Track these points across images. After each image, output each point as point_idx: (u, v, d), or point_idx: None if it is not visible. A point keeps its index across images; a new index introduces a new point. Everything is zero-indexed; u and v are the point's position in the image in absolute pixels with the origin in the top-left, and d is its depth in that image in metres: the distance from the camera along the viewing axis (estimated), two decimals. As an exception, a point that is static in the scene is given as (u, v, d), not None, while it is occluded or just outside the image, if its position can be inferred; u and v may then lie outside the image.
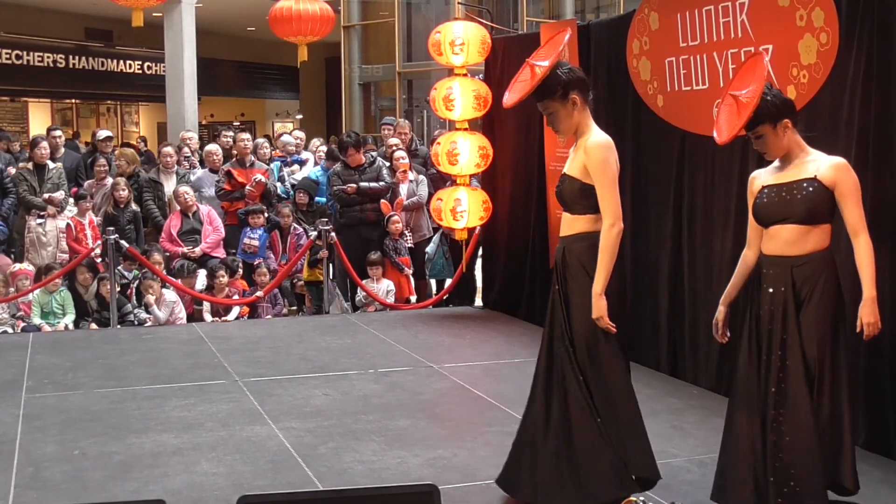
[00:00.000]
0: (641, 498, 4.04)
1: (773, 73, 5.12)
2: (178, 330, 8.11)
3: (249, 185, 9.34)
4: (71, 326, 8.40)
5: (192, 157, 10.79)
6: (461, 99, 8.06)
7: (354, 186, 9.01)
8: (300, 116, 25.72)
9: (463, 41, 8.01)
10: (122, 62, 22.15)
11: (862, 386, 4.66)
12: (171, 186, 9.59)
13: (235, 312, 8.70)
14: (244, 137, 9.87)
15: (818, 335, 3.83)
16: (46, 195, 9.26)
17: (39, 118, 21.01)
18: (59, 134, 10.63)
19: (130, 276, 8.79)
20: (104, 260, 8.53)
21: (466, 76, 8.25)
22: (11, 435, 5.16)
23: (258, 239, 9.18)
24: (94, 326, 8.39)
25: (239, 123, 22.96)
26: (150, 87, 21.81)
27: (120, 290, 8.48)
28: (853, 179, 3.85)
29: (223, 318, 8.62)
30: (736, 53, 5.48)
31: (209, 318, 8.64)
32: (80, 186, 9.84)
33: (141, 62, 22.35)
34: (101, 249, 8.56)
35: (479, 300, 9.28)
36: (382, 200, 9.15)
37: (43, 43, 20.37)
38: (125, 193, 9.16)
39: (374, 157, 9.34)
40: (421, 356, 6.94)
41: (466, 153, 8.10)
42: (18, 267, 8.65)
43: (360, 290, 8.95)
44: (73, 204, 9.46)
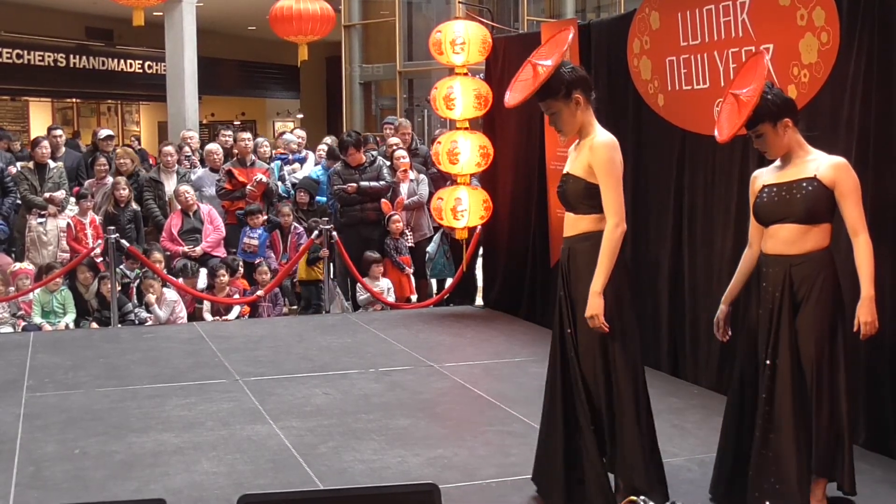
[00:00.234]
0: (643, 498, 4.04)
1: (773, 72, 5.13)
2: (178, 329, 8.11)
3: (251, 184, 9.34)
4: (72, 326, 8.40)
5: (192, 156, 10.78)
6: (462, 98, 8.06)
7: (355, 186, 9.01)
8: (301, 116, 25.71)
9: (464, 40, 8.01)
10: (122, 61, 22.15)
11: (862, 385, 4.66)
12: (171, 186, 9.59)
13: (236, 312, 8.70)
14: (245, 137, 9.86)
15: (816, 334, 3.84)
16: (47, 194, 9.26)
17: (40, 117, 20.99)
18: (59, 133, 10.63)
19: (133, 274, 8.79)
20: (105, 259, 8.54)
21: (467, 75, 8.25)
22: (12, 434, 5.16)
23: (258, 238, 9.19)
24: (94, 326, 8.39)
25: (240, 123, 22.95)
26: (150, 86, 21.79)
27: (121, 289, 8.48)
28: (853, 179, 3.85)
29: (224, 317, 8.62)
30: (737, 53, 5.48)
31: (210, 317, 8.64)
32: (81, 186, 9.84)
33: (141, 61, 22.34)
34: (101, 249, 8.56)
35: (479, 299, 9.28)
36: (383, 200, 9.15)
37: (44, 42, 20.37)
38: (126, 193, 9.16)
39: (374, 156, 9.34)
40: (421, 355, 6.94)
41: (467, 152, 8.10)
42: (19, 266, 8.65)
43: (360, 289, 8.96)
44: (74, 203, 9.46)
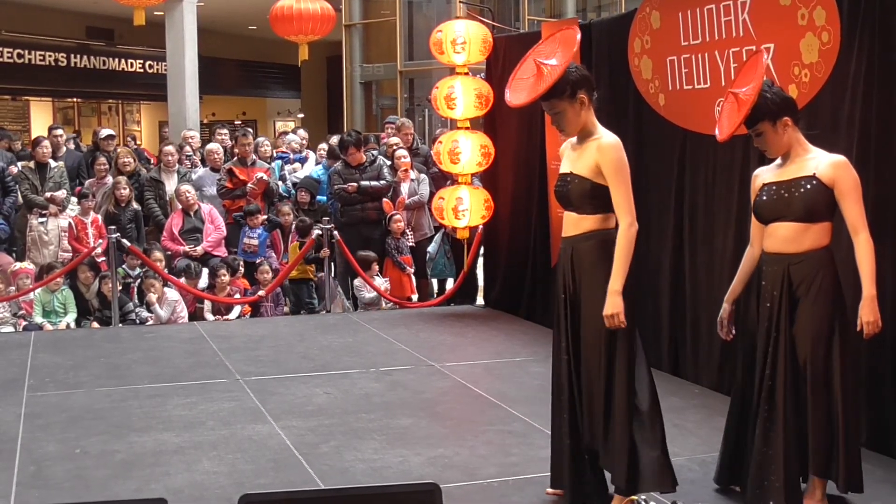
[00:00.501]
0: (643, 497, 4.04)
1: (774, 71, 5.13)
2: (179, 329, 8.11)
3: (251, 182, 9.33)
4: (73, 325, 8.40)
5: (193, 155, 10.78)
6: (463, 98, 8.06)
7: (355, 185, 9.01)
8: (301, 115, 25.70)
9: (464, 40, 8.01)
10: (123, 61, 22.13)
11: (864, 384, 4.66)
12: (172, 185, 9.59)
13: (237, 311, 8.70)
14: (246, 142, 9.76)
15: (813, 334, 3.84)
16: (48, 194, 9.26)
17: (41, 117, 20.99)
18: (60, 133, 10.64)
19: (135, 273, 8.79)
20: (106, 259, 8.53)
21: (468, 75, 8.25)
22: (13, 434, 5.16)
23: (257, 238, 9.18)
24: (95, 325, 8.40)
25: (241, 122, 22.94)
26: (151, 85, 21.78)
27: (122, 288, 8.49)
28: (853, 177, 3.84)
29: (225, 316, 8.62)
30: (737, 52, 5.48)
31: (211, 316, 8.63)
32: (82, 185, 9.84)
33: (142, 61, 22.33)
34: (102, 248, 8.55)
35: (480, 299, 9.28)
36: (385, 199, 9.15)
37: (44, 42, 20.36)
38: (126, 192, 9.15)
39: (374, 155, 9.34)
40: (422, 355, 6.94)
41: (468, 152, 8.10)
42: (20, 266, 8.65)
43: (360, 287, 8.94)
44: (75, 203, 9.46)
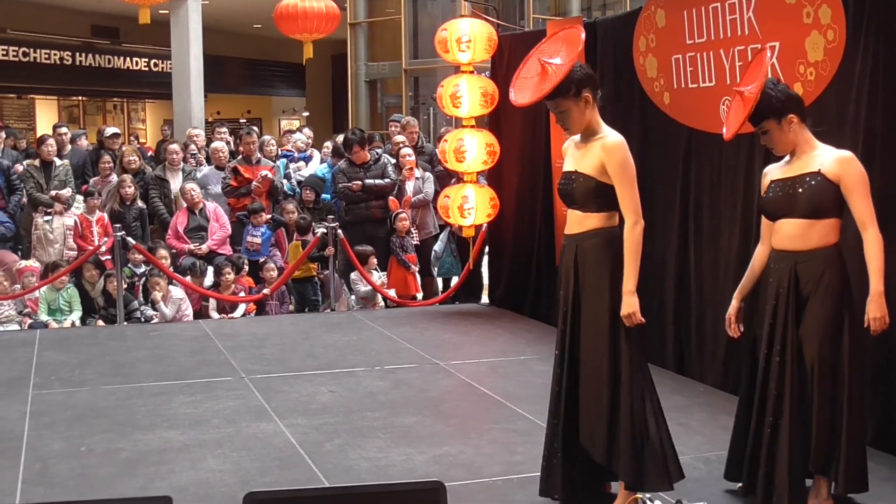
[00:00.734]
0: (648, 496, 4.03)
1: (780, 70, 5.12)
2: (184, 327, 8.12)
3: (256, 180, 9.33)
4: (78, 323, 8.41)
5: (198, 154, 10.79)
6: (468, 96, 8.06)
7: (360, 183, 9.01)
8: (306, 113, 25.70)
9: (469, 38, 8.00)
10: (128, 59, 22.14)
11: (869, 383, 4.65)
12: (177, 183, 9.60)
13: (242, 309, 8.70)
14: (251, 140, 9.78)
15: (819, 333, 3.82)
16: (53, 192, 9.27)
17: (46, 115, 21.02)
18: (65, 131, 10.65)
19: (140, 271, 8.79)
20: (111, 257, 8.54)
21: (473, 73, 8.24)
22: (19, 431, 5.17)
23: (260, 237, 9.18)
24: (100, 323, 8.40)
25: (245, 120, 22.95)
26: (156, 84, 21.78)
27: (127, 286, 8.49)
28: (859, 172, 3.80)
29: (230, 315, 8.62)
30: (742, 51, 5.47)
31: (216, 315, 8.64)
32: (87, 183, 9.85)
33: (147, 59, 22.34)
34: (107, 246, 8.56)
35: (485, 297, 9.28)
36: (391, 197, 9.16)
37: (49, 40, 20.37)
38: (131, 190, 9.17)
39: (378, 154, 9.34)
40: (427, 353, 6.94)
41: (473, 150, 8.10)
42: (25, 264, 8.66)
43: (356, 281, 8.90)
44: (81, 201, 9.47)
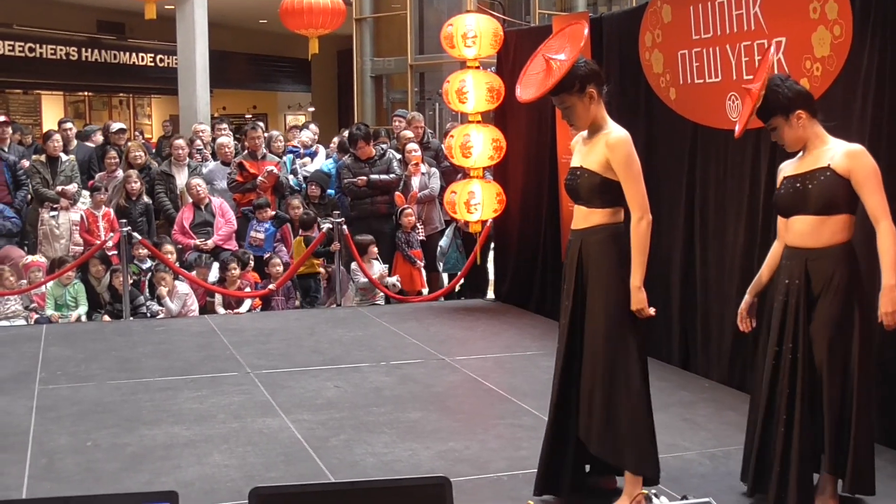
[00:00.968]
0: (653, 491, 4.04)
1: (786, 65, 5.11)
2: (190, 322, 8.13)
3: (261, 176, 9.34)
4: (83, 318, 8.42)
5: (204, 149, 10.80)
6: (474, 91, 8.05)
7: (364, 179, 9.01)
8: (312, 109, 25.70)
9: (475, 34, 7.99)
10: (134, 55, 22.14)
11: (879, 379, 4.63)
12: (182, 179, 9.61)
13: (247, 305, 8.71)
14: (256, 135, 9.77)
15: (828, 332, 3.78)
16: (59, 188, 9.28)
17: (52, 111, 21.04)
18: (70, 126, 10.66)
19: (145, 266, 8.81)
20: (117, 252, 8.55)
21: (479, 69, 8.23)
22: (25, 426, 5.18)
23: (264, 232, 9.18)
24: (106, 318, 8.42)
25: (251, 116, 22.95)
26: (162, 79, 21.78)
27: (133, 282, 8.51)
28: (869, 165, 3.75)
29: (235, 310, 8.63)
30: (749, 46, 5.46)
31: (221, 310, 8.65)
32: (93, 179, 9.86)
33: (153, 55, 22.33)
34: (113, 242, 8.57)
35: (490, 293, 9.28)
36: (397, 193, 9.15)
37: (55, 36, 20.38)
38: (137, 186, 9.18)
39: (384, 149, 9.34)
40: (432, 349, 6.95)
41: (480, 146, 8.09)
42: (31, 259, 8.67)
43: (356, 271, 8.89)
44: (87, 196, 9.48)
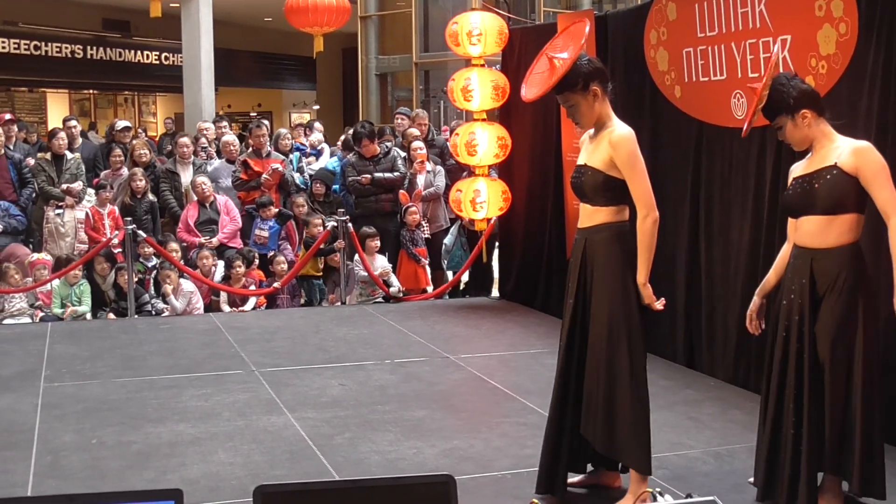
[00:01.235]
0: (658, 489, 4.04)
1: (791, 63, 5.10)
2: (195, 320, 8.14)
3: (266, 173, 9.34)
4: (89, 316, 8.43)
5: (209, 147, 10.80)
6: (479, 89, 8.05)
7: (369, 177, 9.01)
8: (317, 107, 25.71)
9: (480, 32, 7.99)
10: (139, 53, 22.15)
11: (884, 375, 4.62)
12: (187, 177, 9.61)
13: (252, 303, 8.72)
14: (261, 133, 9.77)
15: (831, 334, 3.76)
16: (64, 186, 9.29)
17: (57, 109, 21.07)
18: (75, 124, 10.67)
19: (150, 264, 8.81)
20: (122, 250, 8.56)
21: (484, 67, 8.23)
22: (30, 424, 5.20)
23: (268, 230, 9.18)
24: (111, 316, 8.43)
25: (256, 114, 22.96)
26: (167, 77, 21.81)
27: (138, 280, 8.51)
28: (877, 161, 3.71)
29: (240, 308, 8.64)
30: (754, 44, 5.45)
31: (226, 308, 8.66)
32: (98, 177, 9.87)
33: (158, 53, 22.35)
34: (118, 239, 8.58)
35: (495, 291, 9.28)
36: (402, 191, 9.15)
37: (61, 34, 20.40)
38: (142, 184, 9.18)
39: (388, 147, 9.33)
40: (437, 347, 6.95)
41: (485, 143, 8.09)
42: (36, 257, 8.68)
43: (357, 263, 8.87)
44: (92, 194, 9.49)
